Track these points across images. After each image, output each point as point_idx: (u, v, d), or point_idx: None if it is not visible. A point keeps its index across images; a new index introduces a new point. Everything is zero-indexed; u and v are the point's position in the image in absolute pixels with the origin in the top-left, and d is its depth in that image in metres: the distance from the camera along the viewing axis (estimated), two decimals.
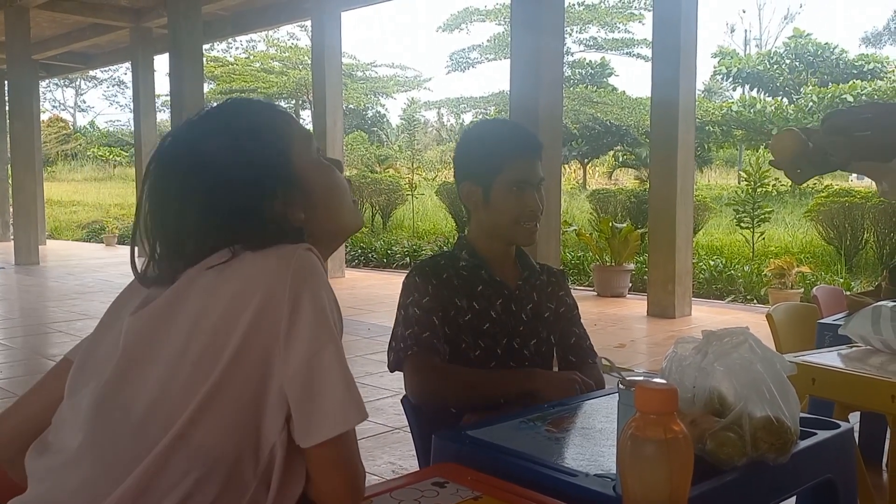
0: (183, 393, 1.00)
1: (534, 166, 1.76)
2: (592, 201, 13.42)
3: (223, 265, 1.05)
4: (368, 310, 7.65)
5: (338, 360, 1.01)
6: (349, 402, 1.01)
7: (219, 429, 1.00)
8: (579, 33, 27.96)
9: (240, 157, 1.10)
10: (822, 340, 2.76)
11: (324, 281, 1.05)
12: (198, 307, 1.04)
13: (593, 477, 1.22)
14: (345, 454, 1.03)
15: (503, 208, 1.72)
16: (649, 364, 5.26)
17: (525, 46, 6.74)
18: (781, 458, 1.25)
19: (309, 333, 1.00)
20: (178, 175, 1.11)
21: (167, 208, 1.12)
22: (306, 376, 1.00)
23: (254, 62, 28.34)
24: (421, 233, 14.47)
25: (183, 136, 1.15)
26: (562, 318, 1.85)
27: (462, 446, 1.38)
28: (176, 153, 1.14)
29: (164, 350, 1.03)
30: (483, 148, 1.78)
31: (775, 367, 1.29)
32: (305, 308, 1.01)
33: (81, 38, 13.74)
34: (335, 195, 1.21)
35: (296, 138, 1.18)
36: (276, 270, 1.03)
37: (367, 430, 3.77)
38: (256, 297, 1.01)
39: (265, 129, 1.15)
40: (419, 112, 32.23)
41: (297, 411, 1.00)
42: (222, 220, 1.08)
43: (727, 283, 8.90)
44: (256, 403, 1.01)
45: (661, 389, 0.90)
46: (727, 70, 24.86)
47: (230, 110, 1.17)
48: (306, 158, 1.18)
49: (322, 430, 1.00)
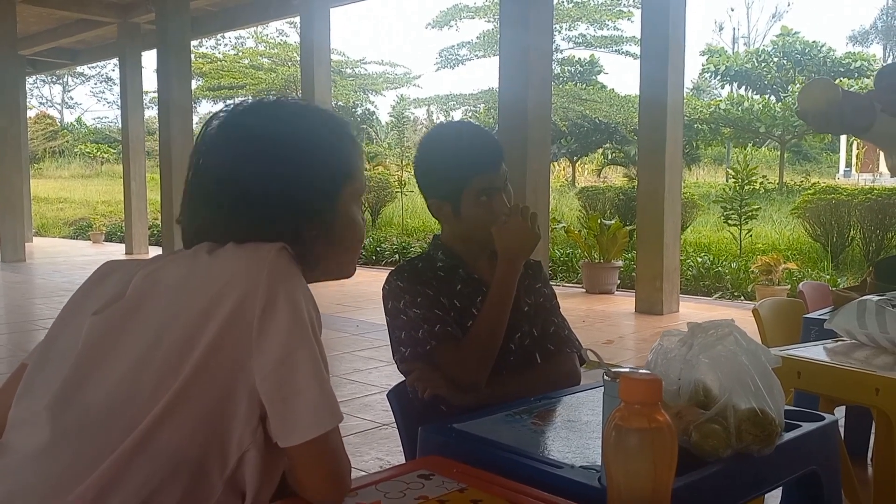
0: (149, 392, 0.99)
1: (497, 172, 1.75)
2: (581, 198, 13.44)
3: (194, 261, 1.05)
4: (356, 307, 7.64)
5: (312, 362, 1.00)
6: (323, 405, 1.00)
7: (185, 429, 0.99)
8: (568, 31, 28.00)
9: (296, 175, 1.11)
10: (807, 335, 2.77)
11: (299, 281, 1.04)
12: (166, 306, 1.03)
13: (578, 469, 1.22)
14: (326, 451, 1.02)
15: (474, 219, 1.73)
16: (637, 360, 5.28)
17: (514, 44, 6.75)
18: (766, 449, 1.25)
19: (283, 334, 0.99)
20: (222, 173, 1.11)
21: (204, 206, 1.12)
22: (279, 378, 0.99)
23: (242, 59, 28.22)
24: (410, 230, 14.46)
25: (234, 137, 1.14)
26: (541, 309, 1.85)
27: (448, 439, 1.38)
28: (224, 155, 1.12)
29: (129, 349, 1.02)
30: (445, 164, 1.76)
31: (760, 359, 1.29)
32: (280, 309, 0.99)
33: (68, 33, 13.66)
34: (351, 250, 1.22)
35: (354, 182, 1.18)
36: (250, 270, 1.02)
37: (354, 427, 3.77)
38: (229, 296, 1.00)
39: (330, 157, 1.15)
40: (408, 109, 32.19)
41: (272, 413, 1.00)
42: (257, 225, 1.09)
43: (715, 279, 8.93)
44: (225, 404, 1.00)
45: (645, 379, 0.90)
46: (715, 68, 24.97)
47: (300, 120, 1.16)
48: (350, 207, 1.18)
49: (297, 432, 0.99)
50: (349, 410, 4.10)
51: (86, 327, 1.05)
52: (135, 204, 13.05)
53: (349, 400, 4.35)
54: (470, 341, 1.66)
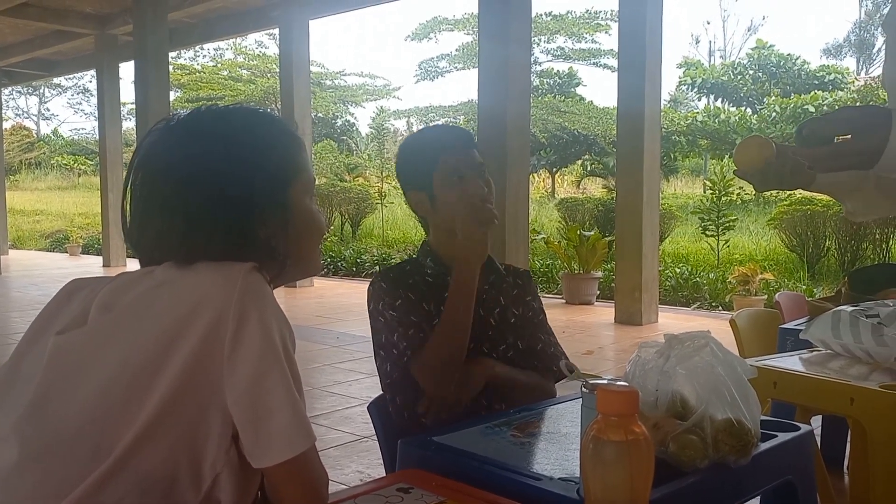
0: (118, 416, 0.98)
1: (468, 154, 1.75)
2: (561, 210, 13.50)
3: (162, 280, 1.04)
4: (337, 319, 7.62)
5: (283, 384, 0.99)
6: (295, 427, 1.00)
7: (159, 454, 0.98)
8: (547, 43, 28.15)
9: (238, 177, 1.09)
10: (783, 345, 2.80)
11: (271, 301, 1.04)
12: (132, 327, 1.01)
13: (557, 480, 1.22)
14: (301, 469, 1.01)
15: (450, 202, 1.72)
16: (616, 370, 5.30)
17: (493, 56, 6.79)
18: (742, 459, 1.26)
19: (254, 357, 0.98)
20: (174, 181, 1.09)
21: (154, 214, 1.10)
22: (251, 400, 0.98)
23: (221, 70, 28.12)
24: (391, 241, 14.45)
25: (183, 138, 1.13)
26: (528, 323, 1.85)
27: (427, 452, 1.38)
28: (173, 155, 1.11)
29: (96, 371, 1.00)
30: (416, 154, 1.80)
31: (736, 370, 1.31)
32: (250, 330, 0.99)
33: (45, 45, 13.54)
34: (312, 242, 1.21)
35: (302, 176, 1.17)
36: (221, 292, 1.01)
37: (335, 440, 3.75)
38: (199, 319, 0.99)
39: (275, 154, 1.14)
40: (388, 121, 32.18)
41: (244, 435, 0.99)
42: (210, 233, 1.08)
43: (693, 290, 9.00)
44: (199, 427, 0.99)
45: (621, 391, 0.91)
46: (692, 80, 25.20)
47: (242, 121, 1.16)
48: (302, 199, 1.17)
49: (269, 454, 0.99)
50: (330, 423, 4.09)
51: (49, 347, 1.03)
52: (112, 216, 12.93)
53: (329, 412, 4.33)
54: (429, 350, 1.65)
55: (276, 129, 1.17)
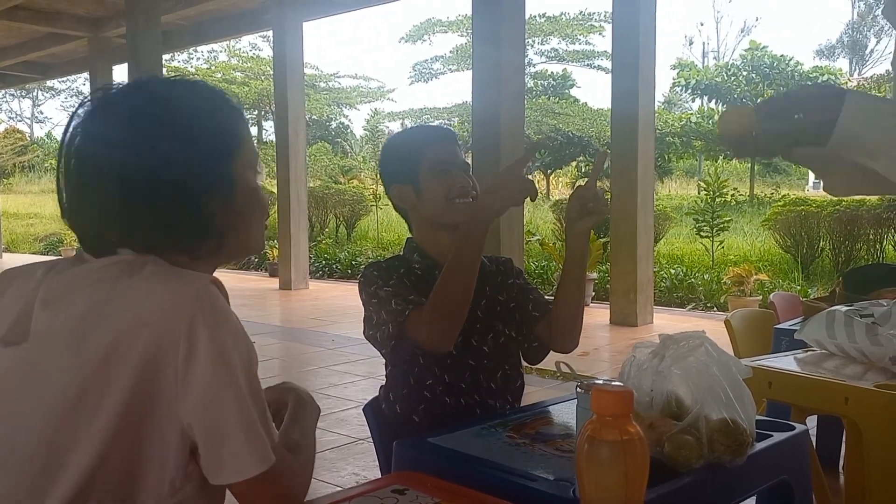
0: (68, 436, 0.94)
1: (453, 149, 1.80)
2: (556, 211, 13.49)
3: (110, 289, 0.99)
4: (332, 321, 7.61)
5: (236, 404, 0.95)
6: (249, 449, 0.96)
7: (119, 472, 0.96)
8: (541, 45, 28.23)
9: (179, 151, 1.03)
10: (778, 345, 2.80)
11: (226, 316, 0.99)
12: (80, 344, 0.96)
13: (552, 481, 1.22)
14: (266, 486, 0.98)
15: (434, 192, 1.74)
16: (612, 371, 5.30)
17: (487, 58, 6.78)
18: (738, 459, 1.26)
19: (208, 377, 0.94)
20: (105, 162, 1.03)
21: (91, 198, 1.04)
22: (205, 422, 0.95)
23: (215, 72, 28.10)
24: (385, 244, 14.44)
25: (112, 116, 1.05)
26: (517, 302, 1.85)
27: (422, 453, 1.38)
28: (102, 136, 1.04)
29: (43, 390, 0.96)
30: (402, 148, 1.84)
31: (731, 370, 1.31)
32: (203, 351, 0.94)
33: (38, 47, 13.50)
34: (255, 219, 1.15)
35: (244, 149, 1.11)
36: (172, 307, 0.96)
37: (331, 442, 3.74)
38: (142, 335, 0.94)
39: (216, 126, 1.08)
40: (383, 123, 32.21)
41: (201, 453, 0.97)
42: (151, 215, 1.02)
43: (688, 291, 9.01)
44: (155, 445, 0.97)
45: (616, 392, 0.90)
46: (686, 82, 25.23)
47: (179, 93, 1.08)
48: (245, 174, 1.11)
49: (224, 475, 0.96)
50: (325, 425, 4.08)
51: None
52: None
53: (325, 415, 4.32)
54: (434, 298, 1.60)
55: (215, 100, 1.11)
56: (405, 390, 1.74)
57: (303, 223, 10.27)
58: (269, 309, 8.84)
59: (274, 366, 5.80)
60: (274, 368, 5.71)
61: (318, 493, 1.18)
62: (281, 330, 7.37)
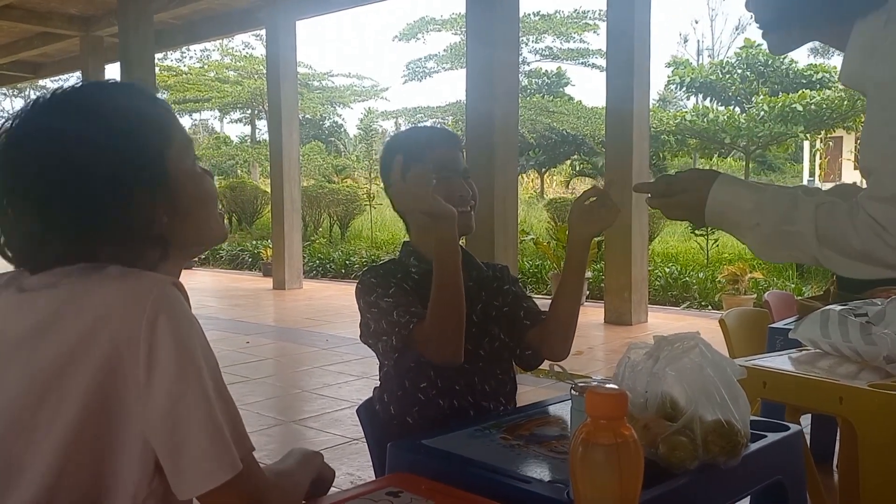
0: (26, 444, 0.92)
1: (454, 155, 1.78)
2: (550, 210, 13.51)
3: (72, 285, 0.96)
4: (326, 321, 7.60)
5: (202, 409, 0.92)
6: (215, 455, 0.92)
7: (81, 484, 0.93)
8: (535, 43, 28.20)
9: (109, 150, 0.99)
10: (773, 344, 2.81)
11: (187, 318, 0.96)
12: (37, 350, 0.93)
13: (547, 483, 1.22)
14: (234, 495, 0.95)
15: None
16: (606, 371, 5.30)
17: (480, 57, 6.78)
18: (732, 460, 1.26)
19: (170, 381, 0.91)
20: (34, 168, 0.98)
21: (19, 207, 0.99)
22: (168, 429, 0.92)
23: (208, 71, 28.04)
24: (379, 243, 14.43)
25: (38, 121, 1.01)
26: (510, 308, 1.85)
27: (417, 455, 1.37)
28: (28, 142, 1.00)
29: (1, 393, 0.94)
30: (403, 149, 1.80)
31: (725, 371, 1.30)
32: (165, 353, 0.92)
33: (30, 46, 13.45)
34: (205, 205, 1.11)
35: (175, 140, 1.07)
36: (131, 309, 0.93)
37: (325, 442, 3.74)
38: (102, 341, 0.92)
39: (144, 122, 1.04)
40: (376, 122, 32.18)
41: (164, 465, 0.93)
42: (83, 221, 0.98)
43: (682, 289, 9.02)
44: (116, 456, 0.94)
45: (610, 394, 0.90)
46: (681, 80, 25.26)
47: (100, 95, 1.06)
48: (181, 164, 1.07)
49: (191, 484, 0.93)
50: (319, 425, 4.07)
51: None
52: None
53: (319, 415, 4.32)
54: (431, 315, 1.60)
55: (139, 97, 1.07)
56: (399, 392, 1.74)
57: (296, 223, 10.25)
58: (262, 309, 8.83)
59: (268, 366, 5.79)
60: (268, 368, 5.70)
61: None
62: (275, 330, 7.36)
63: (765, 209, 1.26)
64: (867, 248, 1.17)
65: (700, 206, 1.33)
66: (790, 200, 1.25)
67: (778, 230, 1.25)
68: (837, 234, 1.19)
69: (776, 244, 1.26)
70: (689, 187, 1.36)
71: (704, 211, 1.33)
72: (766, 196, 1.27)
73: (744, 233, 1.30)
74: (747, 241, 1.30)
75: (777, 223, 1.24)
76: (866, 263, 1.19)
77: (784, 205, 1.25)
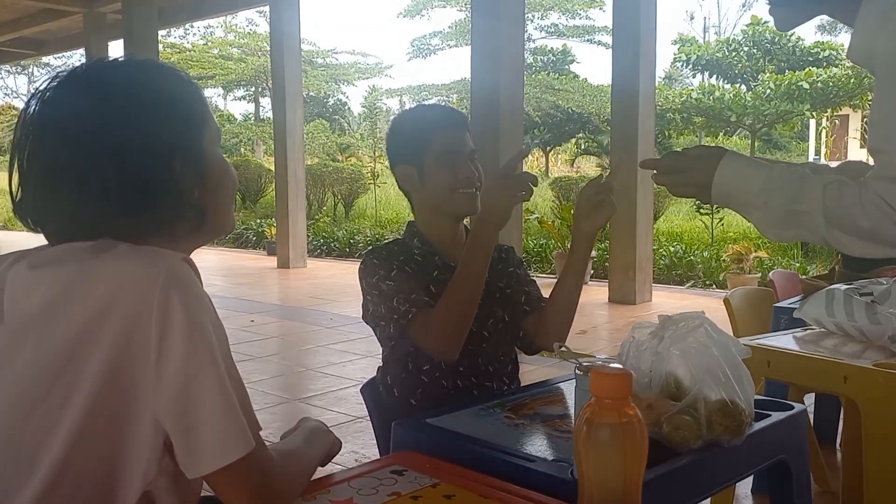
0: (40, 423, 0.92)
1: (461, 136, 1.77)
2: (554, 189, 13.47)
3: (79, 270, 0.95)
4: (330, 299, 7.62)
5: (216, 385, 0.92)
6: (229, 432, 0.92)
7: (90, 461, 0.93)
8: (540, 20, 28.04)
9: (150, 124, 1.00)
10: (777, 324, 2.81)
11: (198, 295, 0.95)
12: (50, 328, 0.93)
13: (551, 462, 1.22)
14: (243, 474, 0.95)
15: (438, 179, 1.72)
16: (610, 350, 5.31)
17: (485, 33, 6.73)
18: (736, 439, 1.27)
19: (182, 358, 0.91)
20: (80, 149, 0.98)
21: (62, 187, 0.99)
22: (182, 405, 0.91)
23: (212, 49, 27.94)
24: (384, 222, 14.41)
25: (77, 98, 1.02)
26: (513, 291, 1.85)
27: (421, 434, 1.38)
28: (67, 117, 1.00)
29: (13, 377, 0.94)
30: (410, 128, 1.80)
31: (730, 350, 1.30)
32: (177, 329, 0.91)
33: (32, 23, 13.39)
34: (227, 192, 1.13)
35: (209, 123, 1.09)
36: (141, 285, 0.92)
37: (329, 420, 3.75)
38: (114, 314, 0.91)
39: (185, 101, 1.06)
40: (381, 100, 32.08)
41: (176, 442, 0.93)
42: (124, 192, 0.99)
43: (687, 268, 9.01)
44: (126, 434, 0.93)
45: (615, 374, 0.90)
46: (687, 57, 25.09)
47: (141, 72, 1.06)
48: (213, 148, 1.09)
49: (203, 462, 0.92)
50: (324, 404, 4.09)
51: None
52: None
53: (323, 393, 4.34)
54: (441, 308, 1.61)
55: (177, 78, 1.08)
56: (403, 375, 1.74)
57: (301, 201, 10.24)
58: (267, 287, 8.85)
59: (272, 344, 5.81)
60: (273, 347, 5.72)
61: (318, 472, 1.18)
62: (279, 308, 7.38)
63: (772, 188, 1.25)
64: (876, 227, 1.16)
65: (707, 184, 1.32)
66: (798, 179, 1.24)
67: (785, 209, 1.24)
68: (846, 213, 1.18)
69: (783, 223, 1.25)
70: (696, 164, 1.35)
71: (711, 189, 1.32)
72: (774, 174, 1.26)
73: (751, 211, 1.29)
74: (754, 219, 1.29)
75: (785, 202, 1.24)
76: (874, 243, 1.18)
77: (792, 184, 1.24)
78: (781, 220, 1.25)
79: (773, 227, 1.27)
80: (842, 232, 1.20)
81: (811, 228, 1.22)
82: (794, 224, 1.24)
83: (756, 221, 1.30)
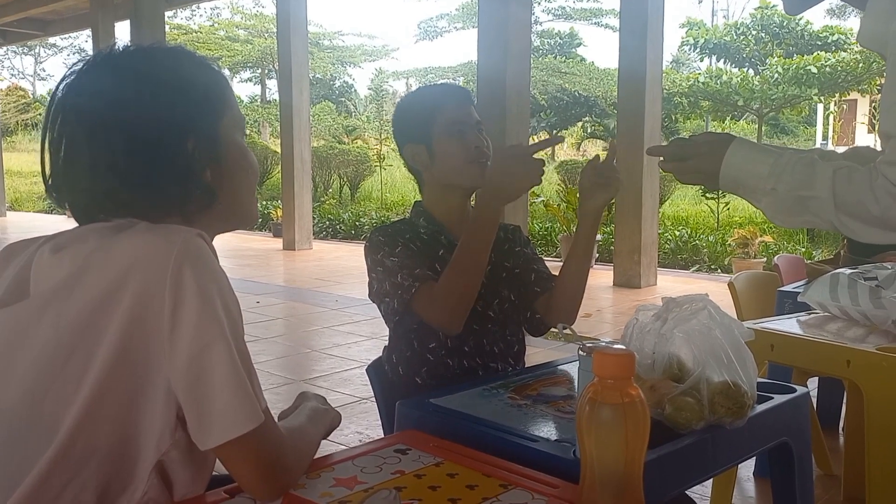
0: (58, 395, 0.94)
1: (467, 108, 1.77)
2: (560, 172, 13.45)
3: (97, 242, 0.98)
4: (335, 281, 7.64)
5: (226, 358, 0.93)
6: (238, 405, 0.93)
7: (103, 433, 0.95)
8: (547, 2, 27.88)
9: (169, 108, 1.03)
10: (781, 307, 2.81)
11: (212, 269, 0.97)
12: (67, 302, 0.95)
13: (554, 442, 1.23)
14: (251, 448, 0.96)
15: (449, 153, 1.72)
16: (615, 333, 5.32)
17: (492, 16, 6.70)
18: (738, 421, 1.27)
19: (194, 330, 0.92)
20: (95, 126, 1.02)
21: (79, 163, 1.03)
22: (192, 377, 0.93)
23: (218, 30, 27.87)
24: (389, 204, 14.42)
25: (99, 79, 1.05)
26: (521, 270, 1.85)
27: (425, 414, 1.39)
28: (88, 96, 1.03)
29: (35, 349, 0.96)
30: (417, 107, 1.81)
31: (733, 333, 1.31)
32: (189, 302, 0.93)
33: (39, 3, 13.35)
34: (245, 178, 1.14)
35: (231, 109, 1.11)
36: (155, 258, 0.94)
37: (334, 401, 3.75)
38: (128, 286, 0.93)
39: (205, 86, 1.08)
40: (387, 82, 32.00)
41: (187, 413, 0.94)
42: (144, 178, 1.02)
43: (692, 252, 9.00)
44: (139, 405, 0.95)
45: (618, 355, 0.91)
46: (694, 41, 24.92)
47: (165, 57, 1.08)
48: (233, 134, 1.11)
49: (213, 434, 0.93)
50: (329, 385, 4.11)
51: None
52: None
53: (329, 374, 4.36)
54: (445, 280, 1.61)
55: (199, 64, 1.10)
56: (408, 353, 1.75)
57: (306, 183, 10.25)
58: (272, 269, 8.87)
59: (278, 326, 5.84)
60: (278, 328, 5.75)
61: (322, 451, 1.19)
62: (285, 290, 7.40)
63: (781, 174, 1.25)
64: (886, 213, 1.15)
65: (714, 171, 1.32)
66: (807, 165, 1.24)
67: (794, 195, 1.23)
68: (855, 199, 1.18)
69: (792, 209, 1.25)
70: (704, 151, 1.34)
71: (719, 175, 1.31)
72: (782, 161, 1.26)
73: (759, 198, 1.29)
74: (762, 206, 1.29)
75: (793, 188, 1.23)
76: (884, 229, 1.18)
77: (801, 169, 1.24)
78: (790, 206, 1.25)
79: (782, 212, 1.27)
80: (851, 218, 1.19)
81: (820, 214, 1.22)
82: (803, 210, 1.24)
83: (764, 207, 1.29)
